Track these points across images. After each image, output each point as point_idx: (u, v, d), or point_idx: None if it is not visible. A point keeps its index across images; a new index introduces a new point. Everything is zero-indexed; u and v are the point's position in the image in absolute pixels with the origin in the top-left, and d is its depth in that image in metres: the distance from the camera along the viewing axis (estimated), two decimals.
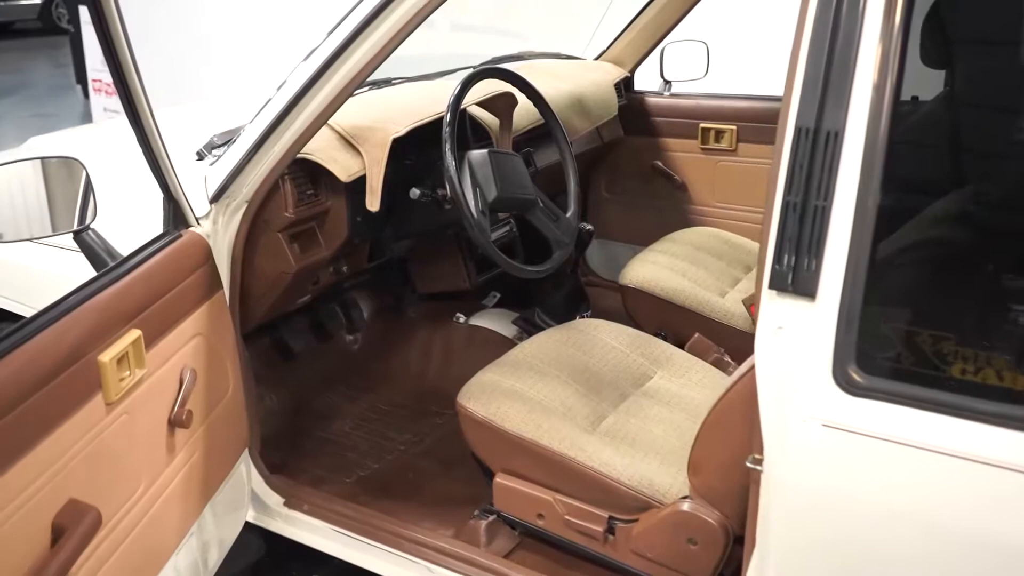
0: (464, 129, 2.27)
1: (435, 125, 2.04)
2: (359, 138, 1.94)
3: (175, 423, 1.56)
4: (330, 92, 1.67)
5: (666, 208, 3.12)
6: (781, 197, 1.28)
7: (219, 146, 2.05)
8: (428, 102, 2.16)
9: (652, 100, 3.10)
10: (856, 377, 1.24)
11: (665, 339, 2.51)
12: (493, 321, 2.60)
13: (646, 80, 3.18)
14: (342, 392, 2.53)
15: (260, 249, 1.91)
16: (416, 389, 2.56)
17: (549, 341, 2.11)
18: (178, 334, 1.59)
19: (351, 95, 1.68)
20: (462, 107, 2.04)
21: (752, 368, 1.53)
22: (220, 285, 1.79)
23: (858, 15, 1.22)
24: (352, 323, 2.59)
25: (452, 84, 2.03)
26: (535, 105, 2.19)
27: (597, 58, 3.14)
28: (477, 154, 1.95)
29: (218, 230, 1.81)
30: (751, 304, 2.31)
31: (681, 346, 2.48)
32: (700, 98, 3.03)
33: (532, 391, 1.90)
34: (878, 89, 1.21)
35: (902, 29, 1.20)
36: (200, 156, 2.02)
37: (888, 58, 1.20)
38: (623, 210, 3.19)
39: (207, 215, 1.80)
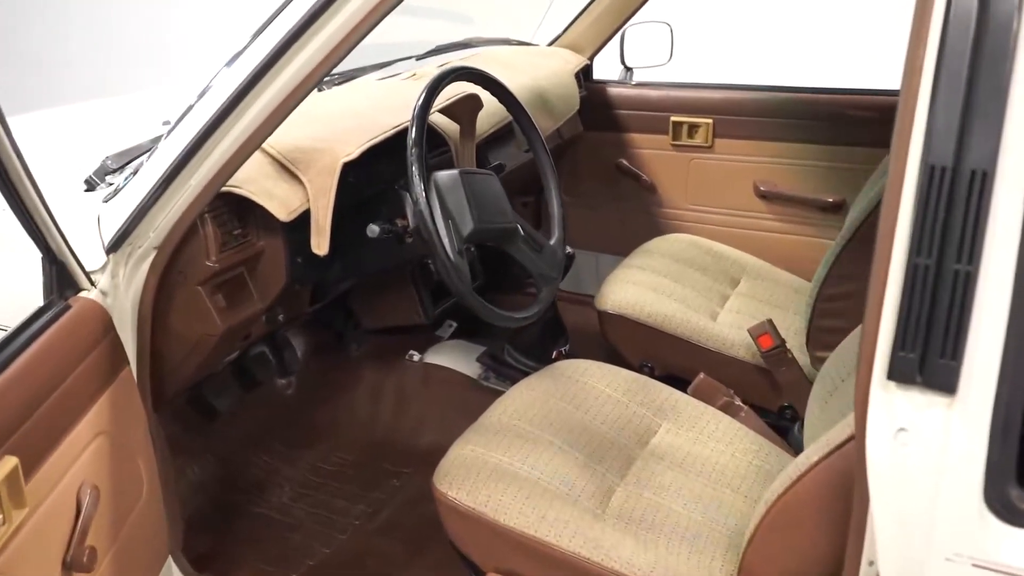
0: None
1: (389, 139, 1.66)
2: (300, 164, 1.54)
3: (72, 567, 1.15)
4: (265, 108, 1.27)
5: (633, 212, 2.79)
6: (904, 258, 0.95)
7: (114, 171, 1.62)
8: (381, 112, 1.76)
9: (615, 91, 2.75)
10: (1019, 503, 0.92)
11: (652, 372, 2.20)
12: (452, 357, 2.23)
13: (603, 67, 2.84)
14: (278, 451, 2.13)
15: (176, 307, 1.50)
16: (366, 442, 2.17)
17: (533, 395, 1.75)
18: (72, 443, 1.19)
19: (293, 110, 1.28)
20: None
21: (824, 458, 1.21)
22: (125, 361, 1.38)
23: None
24: (285, 366, 2.18)
25: (407, 87, 1.64)
26: (513, 113, 1.82)
27: (551, 43, 2.77)
28: (446, 176, 1.57)
29: (119, 287, 1.39)
30: (760, 335, 1.99)
31: (671, 380, 2.17)
32: (670, 88, 2.69)
33: (526, 467, 1.55)
34: None
35: None
36: (90, 186, 1.59)
37: None
38: (584, 215, 2.84)
39: (103, 268, 1.38)
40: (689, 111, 2.64)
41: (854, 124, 2.48)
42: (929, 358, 0.94)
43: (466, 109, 1.79)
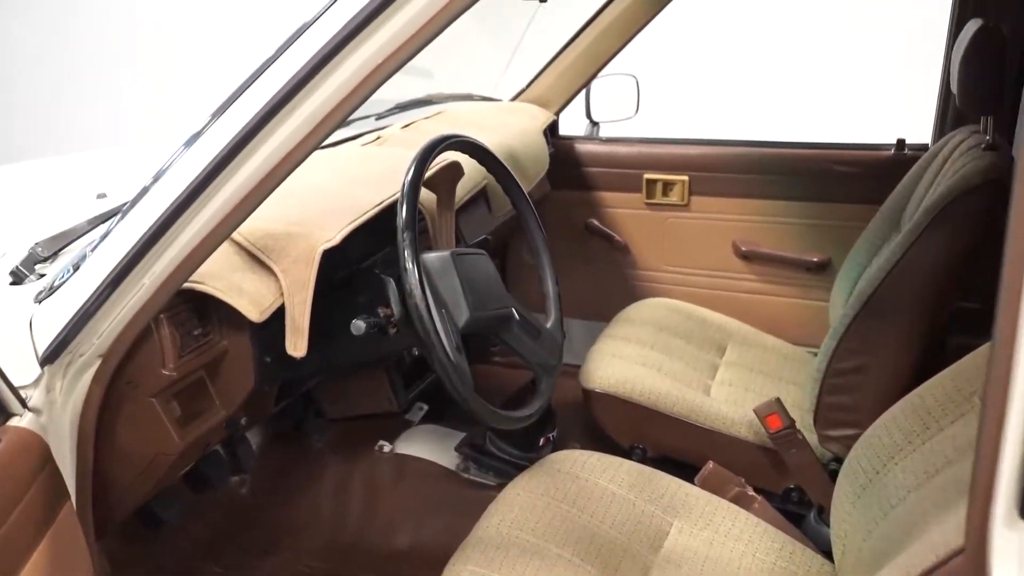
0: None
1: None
2: (273, 253, 1.34)
3: None
4: (237, 191, 1.07)
5: (606, 275, 2.63)
6: None
7: (45, 259, 1.39)
8: (358, 186, 1.57)
9: (584, 147, 2.60)
10: None
11: (644, 455, 2.03)
12: (427, 446, 2.02)
13: (565, 120, 2.69)
14: (234, 560, 1.88)
15: (125, 423, 1.27)
16: (332, 547, 1.93)
17: (532, 498, 1.56)
18: None
19: (272, 192, 1.08)
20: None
21: None
22: (65, 494, 1.15)
23: None
24: (238, 462, 1.94)
25: (378, 155, 1.46)
26: (503, 183, 1.65)
27: (515, 98, 2.61)
28: (436, 260, 1.38)
29: (55, 403, 1.17)
30: (767, 414, 1.84)
31: (665, 463, 2.00)
32: (643, 143, 2.56)
33: None
34: None
35: None
36: (17, 278, 1.35)
37: None
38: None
39: (36, 383, 1.15)
40: (663, 168, 2.51)
41: (837, 180, 2.37)
42: None
43: (446, 178, 1.61)
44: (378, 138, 2.04)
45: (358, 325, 1.40)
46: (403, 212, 1.31)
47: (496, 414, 1.39)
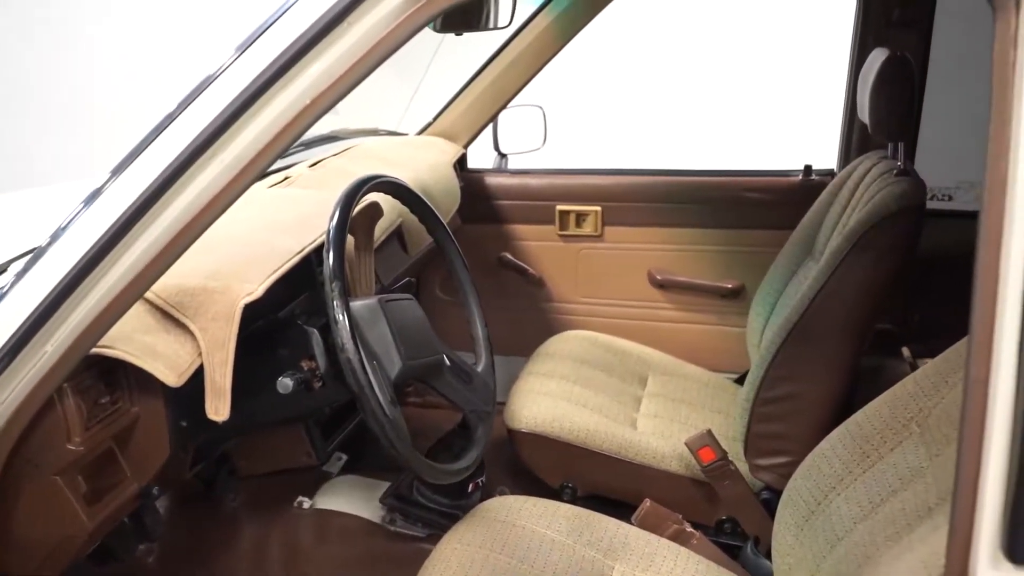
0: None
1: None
2: (189, 309, 1.23)
3: None
4: (149, 250, 0.98)
5: (521, 309, 2.59)
6: (1015, 414, 0.78)
7: None
8: (274, 233, 1.48)
9: (494, 180, 2.56)
10: None
11: (574, 494, 1.98)
12: (349, 499, 1.92)
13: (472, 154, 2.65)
14: None
15: (24, 506, 1.14)
16: None
17: (469, 551, 1.49)
18: None
19: (188, 247, 0.99)
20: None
21: None
22: None
23: None
24: (145, 529, 1.79)
25: (290, 197, 1.38)
26: (428, 224, 1.59)
27: (422, 132, 2.55)
28: (364, 308, 1.31)
29: None
30: (700, 447, 1.81)
31: (595, 502, 1.96)
32: (554, 175, 2.53)
33: None
34: None
35: None
36: None
37: None
38: (465, 313, 2.61)
39: None
40: (576, 199, 2.48)
41: (749, 206, 2.39)
42: None
43: (364, 220, 1.54)
44: (286, 178, 1.95)
45: (285, 383, 1.31)
46: (330, 260, 1.24)
47: (436, 469, 1.31)
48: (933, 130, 2.16)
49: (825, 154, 2.47)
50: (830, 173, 2.36)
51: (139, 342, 1.19)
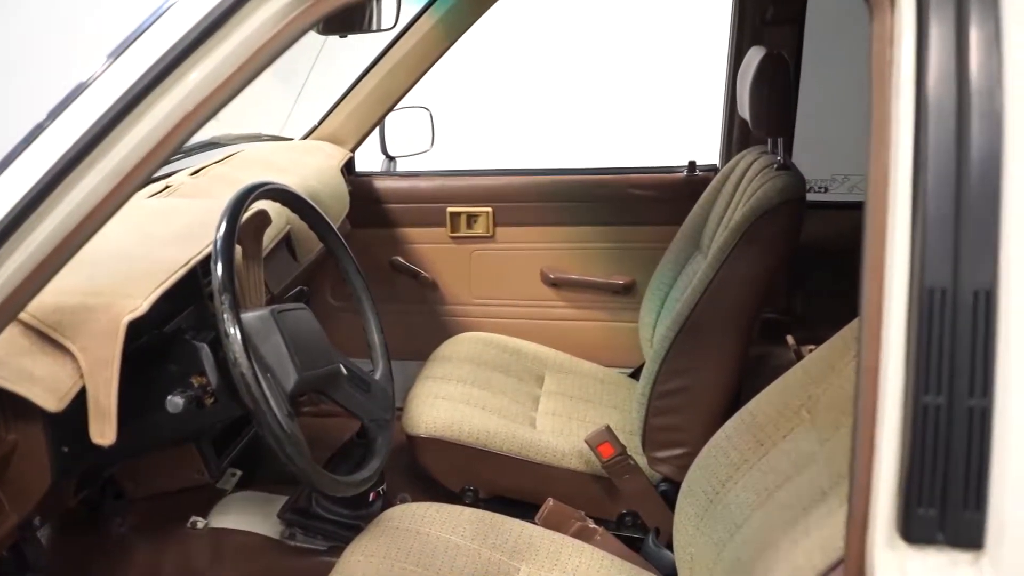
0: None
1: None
2: (68, 329, 1.17)
3: None
4: (21, 268, 0.92)
5: (415, 313, 2.57)
6: (903, 398, 0.80)
7: None
8: (156, 245, 1.41)
9: (383, 183, 2.53)
10: None
11: (476, 497, 1.98)
12: (245, 516, 1.86)
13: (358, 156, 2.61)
14: None
15: None
16: None
17: (374, 563, 1.47)
18: None
19: (65, 264, 0.94)
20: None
21: None
22: None
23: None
24: (26, 562, 1.69)
25: (171, 208, 1.32)
26: (319, 231, 1.55)
27: (307, 136, 2.50)
28: (256, 320, 1.26)
29: None
30: (599, 443, 1.83)
31: (499, 503, 1.96)
32: (444, 176, 2.52)
33: None
34: None
35: None
36: None
37: None
38: (359, 320, 2.57)
39: None
40: (466, 200, 2.48)
41: (637, 203, 2.43)
42: (950, 512, 0.79)
43: (252, 229, 1.49)
44: (167, 187, 1.87)
45: (175, 402, 1.26)
46: (218, 272, 1.19)
47: (337, 482, 1.29)
48: (808, 125, 2.24)
49: (708, 150, 2.53)
50: (713, 169, 2.42)
51: (13, 366, 1.12)
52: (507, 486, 1.97)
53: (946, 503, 0.79)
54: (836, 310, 1.22)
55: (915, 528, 0.80)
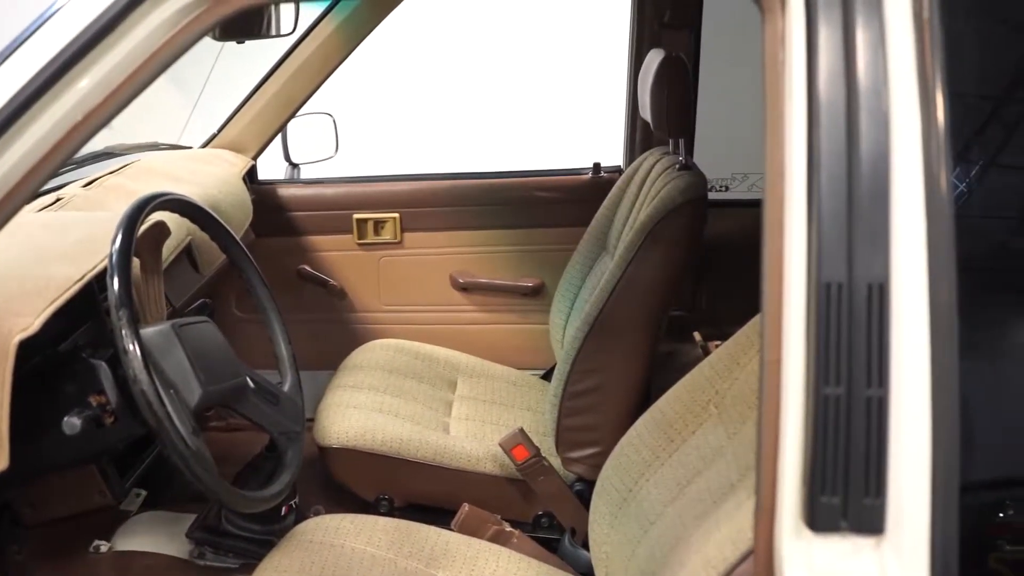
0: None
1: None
2: None
3: None
4: None
5: (324, 322, 2.53)
6: (804, 389, 0.83)
7: None
8: (47, 261, 1.35)
9: (287, 191, 2.49)
10: None
11: (391, 505, 1.96)
12: (152, 537, 1.81)
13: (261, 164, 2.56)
14: None
15: None
16: None
17: None
18: None
19: None
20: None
21: None
22: None
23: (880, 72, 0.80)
24: None
25: (63, 221, 1.27)
26: (221, 242, 1.51)
27: (206, 145, 2.44)
28: (156, 335, 1.23)
29: None
30: (513, 446, 1.83)
31: (414, 511, 1.94)
32: (349, 183, 2.49)
33: None
34: (933, 198, 0.80)
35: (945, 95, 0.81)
36: None
37: (933, 148, 0.81)
38: (266, 331, 2.52)
39: None
40: (373, 206, 2.45)
41: (543, 205, 2.45)
42: (852, 499, 0.82)
43: (150, 241, 1.45)
44: (58, 200, 1.80)
45: (72, 423, 1.21)
46: (115, 287, 1.15)
47: (247, 498, 1.26)
48: (708, 125, 2.29)
49: (613, 152, 2.57)
50: (618, 170, 2.46)
51: None
52: (422, 493, 1.96)
53: (848, 491, 0.82)
54: (741, 306, 1.25)
55: (820, 516, 0.82)
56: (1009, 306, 0.97)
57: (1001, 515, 0.91)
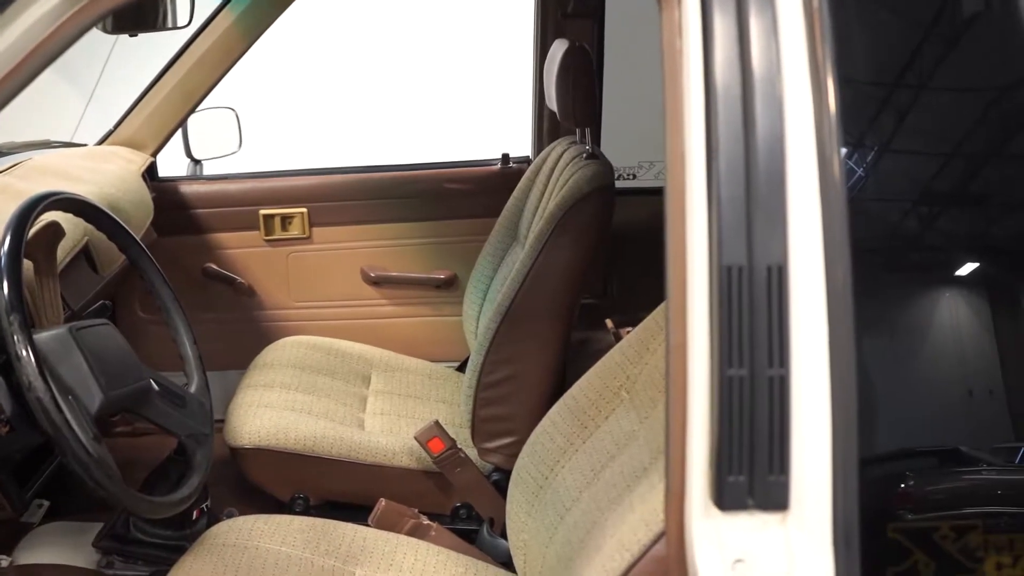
0: None
1: None
2: None
3: None
4: None
5: (232, 321, 2.47)
6: (709, 372, 0.84)
7: None
8: None
9: (189, 188, 2.42)
10: None
11: (307, 504, 1.93)
12: (56, 549, 1.74)
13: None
14: None
15: None
16: None
17: None
18: None
19: None
20: None
21: None
22: None
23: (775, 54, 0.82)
24: None
25: None
26: (118, 241, 1.46)
27: (102, 142, 2.36)
28: (51, 339, 1.18)
29: None
30: (428, 439, 1.83)
31: (330, 509, 1.92)
32: (254, 179, 2.44)
33: None
34: (826, 182, 0.83)
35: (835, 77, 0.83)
36: None
37: (826, 132, 0.83)
38: (171, 332, 2.46)
39: None
40: (280, 202, 2.41)
41: (453, 197, 2.44)
42: (758, 478, 0.84)
43: (44, 242, 1.39)
44: None
45: None
46: (4, 291, 1.10)
47: (154, 504, 1.22)
48: (614, 115, 2.32)
49: (521, 142, 2.57)
50: (526, 160, 2.47)
51: None
52: (338, 490, 1.94)
53: (753, 469, 0.84)
54: (651, 292, 1.27)
55: (727, 496, 0.84)
56: (905, 285, 1.00)
57: (903, 486, 0.95)
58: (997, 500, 0.96)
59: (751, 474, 0.84)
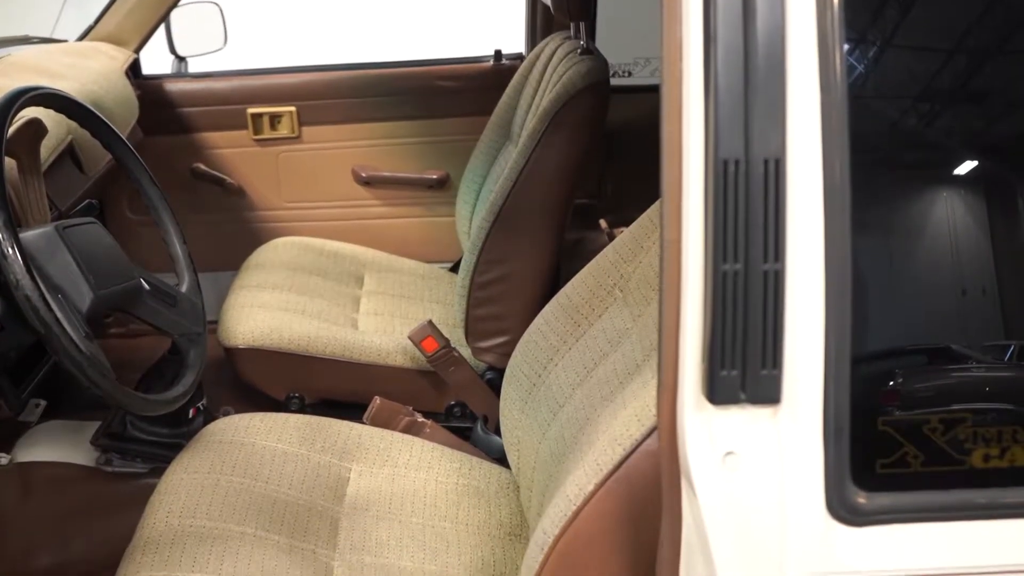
0: None
1: None
2: None
3: None
4: None
5: (223, 222, 2.46)
6: (703, 267, 0.83)
7: None
8: None
9: (175, 86, 2.37)
10: (861, 500, 0.87)
11: (303, 403, 1.95)
12: (55, 447, 1.76)
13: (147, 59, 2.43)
14: None
15: None
16: None
17: (199, 479, 1.42)
18: None
19: None
20: None
21: (600, 485, 1.09)
22: None
23: None
24: None
25: None
26: (102, 138, 1.43)
27: (83, 37, 2.29)
28: (38, 238, 1.16)
29: None
30: (422, 339, 1.83)
31: (326, 407, 1.94)
32: (242, 76, 2.38)
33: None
34: (826, 72, 0.81)
35: None
36: None
37: (828, 21, 0.80)
38: (160, 232, 2.44)
39: None
40: (268, 100, 2.36)
41: (445, 95, 2.39)
42: (750, 372, 0.84)
43: (26, 140, 1.36)
44: None
45: None
46: None
47: (148, 400, 1.23)
48: (609, 8, 2.25)
49: (514, 38, 2.51)
50: (520, 57, 2.41)
51: None
52: (333, 389, 1.96)
53: (746, 364, 0.84)
54: (646, 192, 1.26)
55: (719, 390, 0.84)
56: (903, 183, 0.99)
57: (891, 383, 0.95)
58: (985, 396, 0.96)
59: (743, 368, 0.84)
